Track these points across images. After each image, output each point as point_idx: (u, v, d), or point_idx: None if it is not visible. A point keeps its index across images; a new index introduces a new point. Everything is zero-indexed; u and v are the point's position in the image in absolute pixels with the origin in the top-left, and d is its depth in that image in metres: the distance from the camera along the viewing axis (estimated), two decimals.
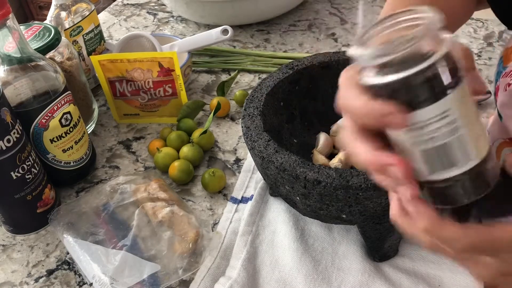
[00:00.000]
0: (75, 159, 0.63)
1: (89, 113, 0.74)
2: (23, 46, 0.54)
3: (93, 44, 0.80)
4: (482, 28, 0.92)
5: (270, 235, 0.55)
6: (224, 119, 0.76)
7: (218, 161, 0.68)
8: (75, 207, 0.58)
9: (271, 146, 0.47)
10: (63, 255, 0.57)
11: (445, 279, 0.49)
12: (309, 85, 0.59)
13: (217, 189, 0.62)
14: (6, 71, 0.54)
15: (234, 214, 0.59)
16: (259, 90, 0.55)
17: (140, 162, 0.69)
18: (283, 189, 0.47)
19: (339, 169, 0.43)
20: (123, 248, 0.52)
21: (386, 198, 0.42)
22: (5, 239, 0.59)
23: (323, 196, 0.43)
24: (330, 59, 0.58)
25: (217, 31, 0.77)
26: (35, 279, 0.55)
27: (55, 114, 0.58)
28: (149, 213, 0.55)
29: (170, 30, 1.01)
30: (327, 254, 0.52)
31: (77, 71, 0.70)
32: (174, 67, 0.70)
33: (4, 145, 0.51)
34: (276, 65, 0.85)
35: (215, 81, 0.85)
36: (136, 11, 1.10)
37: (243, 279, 0.50)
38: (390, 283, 0.49)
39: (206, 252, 0.52)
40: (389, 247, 0.51)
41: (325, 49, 0.90)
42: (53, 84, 0.57)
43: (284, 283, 0.50)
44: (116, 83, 0.72)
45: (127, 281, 0.49)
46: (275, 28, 0.98)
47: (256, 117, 0.51)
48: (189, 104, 0.73)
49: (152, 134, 0.75)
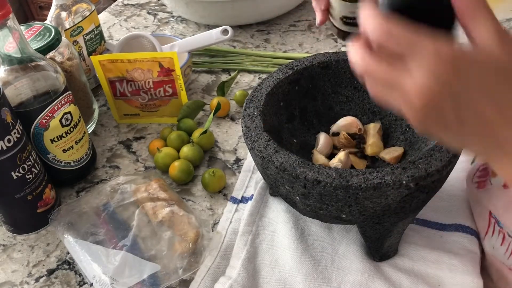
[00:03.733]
0: (75, 159, 0.63)
1: (89, 113, 0.74)
2: (23, 46, 0.54)
3: (94, 44, 0.80)
4: None
5: (270, 234, 0.55)
6: (224, 119, 0.76)
7: (218, 161, 0.68)
8: (76, 207, 0.58)
9: (271, 146, 0.47)
10: (64, 255, 0.57)
11: (444, 279, 0.49)
12: (309, 85, 0.59)
13: (217, 189, 0.63)
14: (6, 71, 0.54)
15: (234, 214, 0.59)
16: (259, 90, 0.55)
17: (140, 162, 0.69)
18: (283, 189, 0.47)
19: (339, 169, 0.43)
20: (123, 248, 0.52)
21: (386, 198, 0.42)
22: (5, 239, 0.60)
23: (323, 196, 0.43)
24: (330, 59, 0.58)
25: (217, 31, 0.77)
26: (35, 279, 0.55)
27: (55, 114, 0.58)
28: (149, 213, 0.56)
29: (170, 30, 1.01)
30: (327, 253, 0.52)
31: (77, 71, 0.70)
32: (174, 67, 0.70)
33: (4, 145, 0.51)
34: (276, 65, 0.85)
35: (215, 81, 0.85)
36: (136, 12, 1.10)
37: (243, 278, 0.50)
38: (390, 282, 0.49)
39: (206, 252, 0.52)
40: (389, 247, 0.51)
41: (325, 49, 0.90)
42: (53, 84, 0.57)
43: (284, 283, 0.50)
44: (117, 83, 0.72)
45: (127, 281, 0.49)
46: (275, 28, 0.98)
47: (256, 117, 0.51)
48: (189, 104, 0.73)
49: (152, 134, 0.75)
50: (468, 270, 0.49)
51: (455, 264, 0.50)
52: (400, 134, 0.57)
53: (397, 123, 0.58)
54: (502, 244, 0.48)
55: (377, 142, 0.57)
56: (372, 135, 0.57)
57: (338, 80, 0.59)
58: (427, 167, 0.42)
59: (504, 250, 0.48)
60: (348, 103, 0.60)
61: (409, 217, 0.48)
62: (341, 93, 0.60)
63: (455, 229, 0.53)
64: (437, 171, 0.42)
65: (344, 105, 0.60)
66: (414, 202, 0.44)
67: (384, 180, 0.41)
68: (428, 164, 0.43)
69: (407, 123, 0.56)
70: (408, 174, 0.42)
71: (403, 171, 0.42)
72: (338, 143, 0.58)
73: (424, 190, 0.43)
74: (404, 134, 0.56)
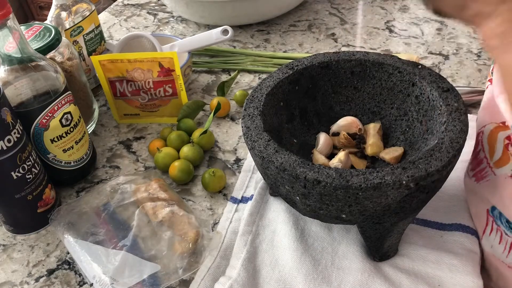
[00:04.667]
0: (75, 159, 0.63)
1: (89, 113, 0.74)
2: (23, 46, 0.54)
3: (94, 44, 0.80)
4: None
5: (270, 234, 0.55)
6: (224, 119, 0.76)
7: (218, 161, 0.68)
8: (76, 207, 0.58)
9: (271, 146, 0.47)
10: (64, 255, 0.57)
11: (444, 279, 0.49)
12: (309, 85, 0.59)
13: (217, 189, 0.63)
14: (6, 71, 0.54)
15: (234, 214, 0.59)
16: (259, 90, 0.55)
17: (140, 162, 0.69)
18: (283, 189, 0.47)
19: (339, 169, 0.43)
20: (123, 248, 0.52)
21: (386, 198, 0.42)
22: (5, 239, 0.60)
23: (323, 196, 0.43)
24: (330, 59, 0.58)
25: (217, 31, 0.77)
26: (35, 278, 0.55)
27: (55, 114, 0.58)
28: (149, 213, 0.56)
29: (170, 30, 1.01)
30: (327, 253, 0.52)
31: (77, 71, 0.70)
32: (174, 67, 0.70)
33: (4, 145, 0.51)
34: (276, 65, 0.85)
35: (215, 81, 0.85)
36: (136, 12, 1.10)
37: (243, 278, 0.50)
38: (389, 282, 0.49)
39: (206, 252, 0.52)
40: (389, 247, 0.51)
41: (325, 49, 0.90)
42: (53, 84, 0.57)
43: (284, 283, 0.50)
44: (117, 83, 0.72)
45: (127, 281, 0.49)
46: (275, 28, 0.98)
47: (256, 117, 0.51)
48: (189, 104, 0.73)
49: (152, 134, 0.75)
50: (468, 270, 0.49)
51: (455, 264, 0.50)
52: (400, 134, 0.57)
53: (397, 123, 0.58)
54: (500, 243, 0.48)
55: (377, 142, 0.57)
56: (372, 135, 0.57)
57: (338, 80, 0.59)
58: (427, 167, 0.42)
59: (503, 249, 0.48)
60: (348, 103, 0.60)
61: (409, 217, 0.48)
62: (341, 93, 0.60)
63: (455, 229, 0.53)
64: (437, 171, 0.42)
65: (344, 105, 0.60)
66: (414, 202, 0.44)
67: (384, 180, 0.41)
68: (428, 164, 0.43)
69: (407, 123, 0.56)
70: (408, 174, 0.42)
71: (403, 171, 0.42)
72: (338, 143, 0.58)
73: (424, 190, 0.43)
74: (404, 134, 0.56)
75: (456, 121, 0.47)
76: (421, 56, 0.86)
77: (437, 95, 0.50)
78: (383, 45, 0.90)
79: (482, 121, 0.51)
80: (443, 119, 0.48)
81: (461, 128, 0.46)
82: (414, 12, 0.99)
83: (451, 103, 0.49)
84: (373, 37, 0.93)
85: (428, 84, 0.52)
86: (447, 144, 0.44)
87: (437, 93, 0.51)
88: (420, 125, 0.54)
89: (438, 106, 0.50)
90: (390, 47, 0.89)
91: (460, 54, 0.85)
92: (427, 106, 0.53)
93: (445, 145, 0.44)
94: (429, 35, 0.92)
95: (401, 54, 0.83)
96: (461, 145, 0.45)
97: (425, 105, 0.53)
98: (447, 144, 0.44)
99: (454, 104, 0.49)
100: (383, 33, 0.94)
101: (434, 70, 0.74)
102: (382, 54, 0.58)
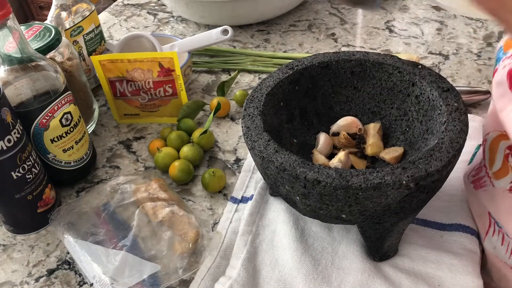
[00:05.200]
0: (75, 159, 0.63)
1: (89, 113, 0.74)
2: (23, 46, 0.54)
3: (94, 44, 0.80)
4: (482, 29, 0.92)
5: (270, 234, 0.55)
6: (224, 119, 0.76)
7: (218, 161, 0.68)
8: (76, 207, 0.58)
9: (271, 146, 0.47)
10: (64, 255, 0.57)
11: (444, 279, 0.49)
12: (309, 85, 0.59)
13: (217, 189, 0.63)
14: (6, 71, 0.54)
15: (234, 213, 0.59)
16: (259, 90, 0.55)
17: (140, 162, 0.69)
18: (283, 189, 0.47)
19: (339, 169, 0.43)
20: (123, 248, 0.52)
21: (386, 198, 0.42)
22: (5, 239, 0.60)
23: (323, 196, 0.43)
24: (330, 59, 0.58)
25: (217, 31, 0.77)
26: (35, 278, 0.55)
27: (55, 114, 0.58)
28: (149, 213, 0.56)
29: (170, 30, 1.01)
30: (327, 253, 0.52)
31: (77, 71, 0.70)
32: (174, 67, 0.70)
33: (4, 145, 0.51)
34: (276, 65, 0.85)
35: (215, 81, 0.85)
36: (136, 12, 1.10)
37: (243, 278, 0.50)
38: (389, 282, 0.49)
39: (206, 252, 0.52)
40: (389, 247, 0.51)
41: (325, 49, 0.90)
42: (53, 84, 0.57)
43: (284, 283, 0.50)
44: (117, 83, 0.72)
45: (127, 281, 0.49)
46: (275, 28, 0.98)
47: (256, 117, 0.51)
48: (189, 104, 0.73)
49: (152, 134, 0.75)
50: (468, 270, 0.49)
51: (455, 264, 0.50)
52: (400, 134, 0.57)
53: (397, 123, 0.58)
54: (503, 244, 0.48)
55: (377, 142, 0.57)
56: (372, 135, 0.57)
57: (338, 80, 0.59)
58: (427, 167, 0.42)
59: (505, 250, 0.48)
60: (348, 103, 0.60)
61: (409, 217, 0.48)
62: (341, 93, 0.60)
63: (455, 229, 0.53)
64: (437, 171, 0.42)
65: (344, 105, 0.60)
66: (414, 202, 0.44)
67: (384, 180, 0.41)
68: (428, 164, 0.43)
69: (407, 123, 0.56)
70: (408, 174, 0.42)
71: (403, 171, 0.42)
72: (338, 143, 0.58)
73: (424, 190, 0.43)
74: (404, 134, 0.56)
75: (456, 121, 0.47)
76: (421, 56, 0.86)
77: (437, 95, 0.50)
78: (383, 45, 0.90)
79: (487, 128, 0.50)
80: (443, 119, 0.48)
81: (461, 128, 0.46)
82: (414, 12, 0.99)
83: (451, 103, 0.49)
84: (373, 37, 0.93)
85: (428, 84, 0.52)
86: (447, 144, 0.44)
87: (437, 93, 0.51)
88: (420, 125, 0.54)
89: (438, 106, 0.50)
90: (390, 47, 0.89)
91: (460, 54, 0.85)
92: (427, 106, 0.53)
93: (445, 145, 0.44)
94: (429, 35, 0.92)
95: (401, 54, 0.83)
96: (461, 145, 0.45)
97: (425, 105, 0.53)
98: (447, 144, 0.44)
99: (454, 104, 0.49)
100: (383, 33, 0.94)
101: (434, 70, 0.74)
102: (382, 54, 0.58)
